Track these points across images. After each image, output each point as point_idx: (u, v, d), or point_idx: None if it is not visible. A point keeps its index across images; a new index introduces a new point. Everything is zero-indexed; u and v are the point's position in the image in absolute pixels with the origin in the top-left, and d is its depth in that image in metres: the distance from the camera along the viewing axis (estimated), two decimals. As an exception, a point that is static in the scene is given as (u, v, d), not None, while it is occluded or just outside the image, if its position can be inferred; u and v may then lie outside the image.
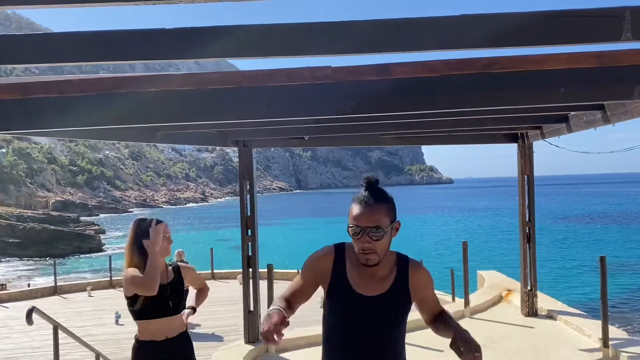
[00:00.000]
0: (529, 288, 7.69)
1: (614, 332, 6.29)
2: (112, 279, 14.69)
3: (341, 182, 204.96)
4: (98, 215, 75.88)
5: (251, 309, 6.61)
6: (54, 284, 14.27)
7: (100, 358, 6.17)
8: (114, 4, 2.06)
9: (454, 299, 10.46)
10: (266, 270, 6.86)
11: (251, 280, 6.78)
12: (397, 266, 2.06)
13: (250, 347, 6.27)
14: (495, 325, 7.38)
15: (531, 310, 7.68)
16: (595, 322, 6.57)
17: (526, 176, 7.60)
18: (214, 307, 10.45)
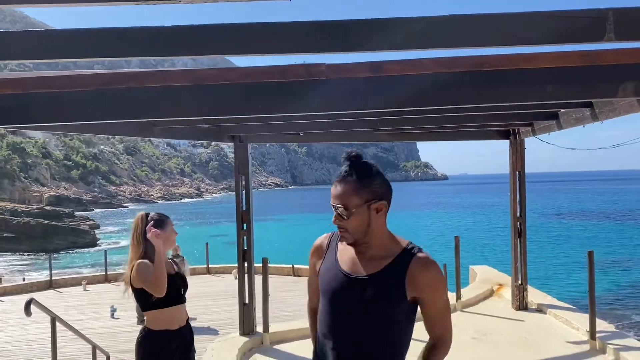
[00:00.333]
0: (519, 282, 7.82)
1: (601, 325, 6.43)
2: (108, 273, 14.76)
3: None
4: (93, 210, 75.68)
5: (246, 301, 6.70)
6: (49, 278, 14.32)
7: (97, 350, 6.26)
8: (114, 4, 2.14)
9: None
10: (261, 265, 6.95)
11: (246, 274, 6.86)
12: (398, 254, 1.86)
13: (245, 339, 6.37)
14: (486, 319, 7.51)
15: (521, 304, 7.82)
16: (584, 315, 6.70)
17: (517, 172, 7.72)
18: (210, 301, 10.55)
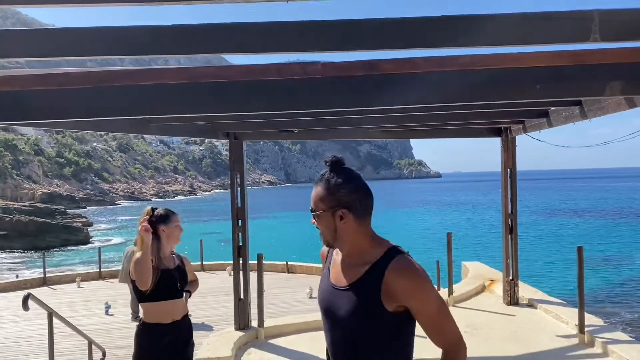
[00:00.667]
0: (510, 278, 7.93)
1: (590, 319, 6.55)
2: (102, 270, 14.78)
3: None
4: (85, 208, 75.42)
5: (241, 297, 6.77)
6: (43, 275, 14.31)
7: (93, 345, 6.31)
8: (116, 4, 2.20)
9: (439, 289, 10.71)
10: (255, 261, 7.01)
11: (241, 270, 6.92)
12: (377, 260, 1.76)
13: (240, 333, 6.45)
14: (478, 314, 7.62)
15: (513, 299, 7.93)
16: (573, 310, 6.83)
17: (509, 169, 7.82)
18: (204, 297, 10.59)
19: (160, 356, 3.40)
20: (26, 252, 37.77)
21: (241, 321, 6.61)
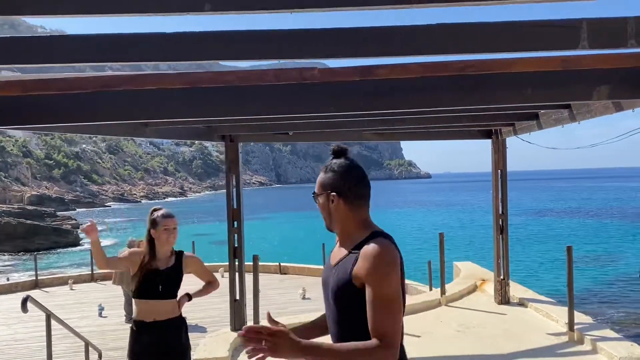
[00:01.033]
0: (501, 277, 8.06)
1: (580, 317, 6.69)
2: (94, 272, 14.74)
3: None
4: (75, 210, 74.80)
5: (237, 298, 6.83)
6: (34, 278, 14.26)
7: (90, 347, 6.34)
8: (140, 15, 2.25)
9: (431, 289, 10.82)
10: (247, 263, 7.08)
11: (237, 271, 6.99)
12: (359, 242, 1.87)
13: (236, 334, 6.50)
14: (470, 313, 7.73)
15: (504, 299, 8.06)
16: (563, 308, 6.96)
17: (499, 170, 7.95)
18: (197, 299, 10.60)
19: (141, 355, 3.53)
20: (15, 254, 37.45)
21: (237, 322, 6.67)
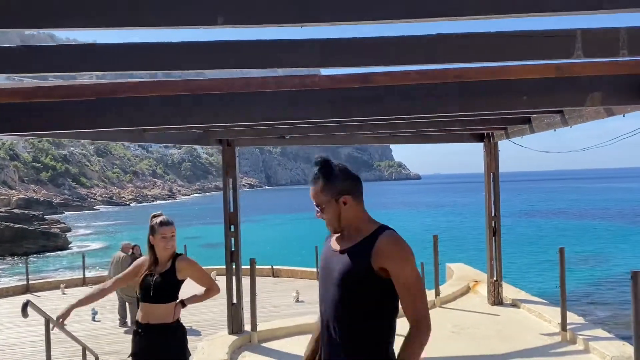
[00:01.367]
0: (494, 279, 8.17)
1: (572, 317, 6.80)
2: (86, 276, 14.69)
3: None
4: (63, 213, 74.16)
5: (234, 301, 6.88)
6: (25, 282, 14.17)
7: (87, 352, 6.34)
8: (154, 28, 2.30)
9: (424, 291, 10.92)
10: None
11: (234, 275, 7.03)
12: (370, 233, 2.04)
13: (233, 337, 6.55)
14: (463, 314, 7.83)
15: (497, 300, 8.17)
16: (555, 309, 7.07)
17: (492, 173, 8.06)
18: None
19: (136, 355, 3.60)
20: (3, 259, 37.07)
21: (234, 325, 6.71)
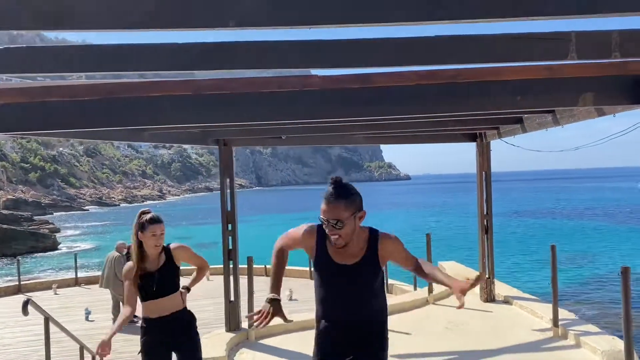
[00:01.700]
0: (487, 276, 8.30)
1: (563, 314, 6.93)
2: (78, 277, 14.67)
3: (302, 179, 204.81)
4: (52, 214, 73.53)
5: (232, 299, 6.94)
6: (17, 283, 14.13)
7: (85, 350, 6.39)
8: (167, 30, 2.37)
9: (415, 289, 11.03)
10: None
11: (231, 274, 7.10)
12: (369, 241, 2.59)
13: (231, 334, 6.61)
14: (456, 311, 7.89)
15: (489, 297, 8.30)
16: (547, 305, 7.21)
17: (484, 172, 8.19)
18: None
19: (150, 350, 3.63)
20: (-8, 260, 36.73)
21: (232, 323, 6.78)
